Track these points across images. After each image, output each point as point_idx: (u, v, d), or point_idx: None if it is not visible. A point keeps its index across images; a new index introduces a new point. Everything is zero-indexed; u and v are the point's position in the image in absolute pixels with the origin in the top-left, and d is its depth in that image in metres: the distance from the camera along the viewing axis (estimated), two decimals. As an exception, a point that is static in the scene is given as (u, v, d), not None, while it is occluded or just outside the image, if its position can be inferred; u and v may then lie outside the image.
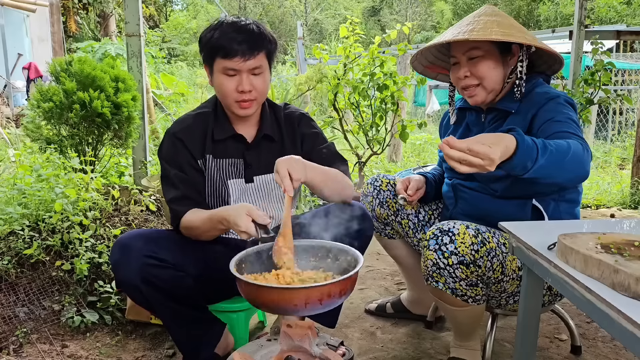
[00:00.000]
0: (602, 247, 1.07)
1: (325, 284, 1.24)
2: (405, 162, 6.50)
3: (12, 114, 8.44)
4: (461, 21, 1.79)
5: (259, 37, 1.62)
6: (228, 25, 1.61)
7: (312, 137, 1.79)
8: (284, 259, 1.42)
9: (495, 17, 1.73)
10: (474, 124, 1.85)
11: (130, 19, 3.40)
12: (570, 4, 16.10)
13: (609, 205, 4.57)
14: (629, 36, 5.74)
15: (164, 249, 1.56)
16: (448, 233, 1.55)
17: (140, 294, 1.54)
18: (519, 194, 1.67)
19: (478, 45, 1.69)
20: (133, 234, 1.59)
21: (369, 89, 3.94)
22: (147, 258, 1.51)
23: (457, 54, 1.74)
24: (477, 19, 1.73)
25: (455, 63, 1.77)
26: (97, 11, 15.18)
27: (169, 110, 7.48)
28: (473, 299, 1.60)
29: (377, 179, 2.03)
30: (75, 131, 3.17)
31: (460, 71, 1.73)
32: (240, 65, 1.59)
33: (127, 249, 1.52)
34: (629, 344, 0.87)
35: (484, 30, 1.66)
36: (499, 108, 1.74)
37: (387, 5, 25.93)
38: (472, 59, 1.71)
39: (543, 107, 1.62)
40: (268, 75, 1.67)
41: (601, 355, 1.97)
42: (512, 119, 1.69)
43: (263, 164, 1.73)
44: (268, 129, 1.74)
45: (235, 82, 1.61)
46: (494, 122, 1.76)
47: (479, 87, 1.72)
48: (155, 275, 1.52)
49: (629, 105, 7.41)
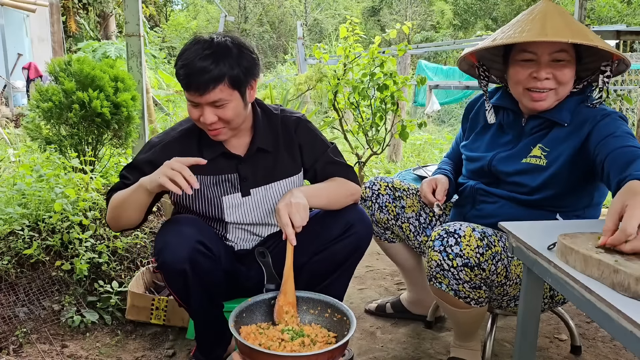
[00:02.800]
0: (602, 246, 1.07)
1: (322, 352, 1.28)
2: (405, 162, 6.50)
3: (11, 114, 8.44)
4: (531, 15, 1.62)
5: (223, 66, 1.46)
6: (192, 52, 1.48)
7: (311, 145, 1.73)
8: (285, 318, 1.43)
9: (571, 17, 1.62)
10: (510, 126, 1.75)
11: (130, 19, 3.40)
12: (570, 4, 16.10)
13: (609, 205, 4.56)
14: (629, 36, 5.73)
15: (211, 239, 1.55)
16: (454, 235, 1.53)
17: (184, 279, 1.50)
18: (556, 204, 1.62)
19: (567, 48, 1.57)
20: (185, 218, 1.56)
21: (369, 89, 3.93)
22: (198, 244, 1.48)
23: (540, 51, 1.58)
24: (556, 17, 1.58)
25: (529, 60, 1.60)
26: (97, 11, 15.16)
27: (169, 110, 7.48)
28: (476, 301, 1.59)
29: (375, 183, 1.98)
30: (75, 131, 3.17)
31: (542, 72, 1.58)
32: (198, 99, 1.49)
33: (180, 232, 1.49)
34: (628, 344, 0.87)
35: (581, 33, 1.53)
36: (545, 117, 1.64)
37: (387, 5, 25.91)
38: (558, 61, 1.58)
39: (600, 122, 1.54)
40: (236, 103, 1.53)
41: (601, 355, 1.97)
42: (561, 131, 1.61)
43: (259, 176, 1.69)
44: (262, 141, 1.67)
45: (198, 113, 1.52)
46: (537, 130, 1.67)
47: (552, 91, 1.60)
48: (201, 263, 1.49)
49: (629, 105, 7.41)
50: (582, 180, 1.60)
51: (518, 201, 1.66)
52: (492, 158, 1.73)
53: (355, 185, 1.72)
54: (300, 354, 1.30)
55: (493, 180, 1.74)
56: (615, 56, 1.59)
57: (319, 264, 1.66)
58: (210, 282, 1.55)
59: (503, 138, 1.76)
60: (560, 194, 1.61)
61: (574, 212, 1.64)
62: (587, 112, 1.60)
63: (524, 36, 1.55)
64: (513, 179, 1.67)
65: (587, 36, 1.54)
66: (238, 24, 22.71)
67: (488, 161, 1.74)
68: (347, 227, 1.64)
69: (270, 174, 1.71)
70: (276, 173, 1.71)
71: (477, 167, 1.79)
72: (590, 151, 1.51)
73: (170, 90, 9.49)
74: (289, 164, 1.73)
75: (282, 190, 1.72)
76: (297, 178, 1.76)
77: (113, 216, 1.59)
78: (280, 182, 1.72)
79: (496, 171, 1.71)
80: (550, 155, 1.61)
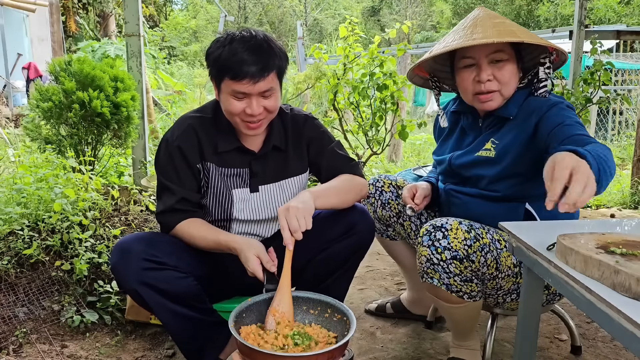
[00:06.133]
0: (602, 247, 1.06)
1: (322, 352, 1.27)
2: (405, 162, 6.50)
3: (11, 114, 8.43)
4: (464, 23, 1.73)
5: (270, 56, 1.52)
6: (238, 43, 1.51)
7: (319, 140, 1.76)
8: (277, 329, 1.40)
9: (503, 19, 1.70)
10: (470, 128, 1.83)
11: (130, 19, 3.40)
12: (569, 4, 16.11)
13: (609, 205, 4.57)
14: (629, 36, 5.75)
15: (164, 252, 1.55)
16: (441, 229, 1.55)
17: (140, 297, 1.53)
18: (521, 195, 1.66)
19: (503, 47, 1.64)
20: (132, 237, 1.57)
21: (369, 89, 3.94)
22: (145, 262, 1.49)
23: (477, 55, 1.65)
24: (487, 21, 1.67)
25: (470, 65, 1.68)
26: (97, 11, 15.17)
27: (168, 109, 7.48)
28: (468, 295, 1.60)
29: (379, 180, 2.01)
30: (75, 131, 3.17)
31: (483, 74, 1.64)
32: (249, 88, 1.50)
33: (126, 252, 1.50)
34: (629, 344, 0.87)
35: (509, 33, 1.60)
36: (496, 114, 1.72)
37: (386, 5, 25.91)
38: (497, 61, 1.65)
39: (547, 113, 1.60)
40: (279, 94, 1.59)
41: (601, 355, 1.97)
42: (510, 124, 1.68)
43: (269, 173, 1.70)
44: (277, 140, 1.69)
45: (244, 104, 1.53)
46: (491, 127, 1.75)
47: (497, 93, 1.67)
48: (154, 277, 1.50)
49: (629, 106, 7.41)
50: (536, 168, 1.61)
51: (485, 197, 1.72)
52: (451, 156, 1.82)
53: (362, 180, 1.73)
54: (300, 354, 1.30)
55: (458, 179, 1.82)
56: (550, 48, 1.66)
57: (320, 263, 1.66)
58: (175, 290, 1.54)
59: (465, 140, 1.85)
60: (519, 184, 1.66)
61: (542, 201, 1.64)
62: (534, 103, 1.67)
63: (454, 44, 1.65)
64: (470, 172, 1.75)
65: (515, 34, 1.61)
66: (238, 24, 22.71)
67: (448, 160, 1.83)
68: (349, 227, 1.64)
69: (280, 172, 1.72)
70: (286, 171, 1.72)
71: (443, 169, 1.88)
72: (542, 141, 1.56)
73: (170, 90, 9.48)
74: (297, 162, 1.74)
75: (290, 188, 1.73)
76: (304, 177, 1.77)
77: (184, 239, 1.64)
78: (288, 180, 1.73)
79: (455, 167, 1.80)
80: (498, 146, 1.68)
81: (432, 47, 1.79)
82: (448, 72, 1.85)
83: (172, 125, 1.72)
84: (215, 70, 1.54)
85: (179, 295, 1.55)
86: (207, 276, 1.67)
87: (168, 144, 1.65)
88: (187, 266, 1.59)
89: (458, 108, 1.87)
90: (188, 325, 1.60)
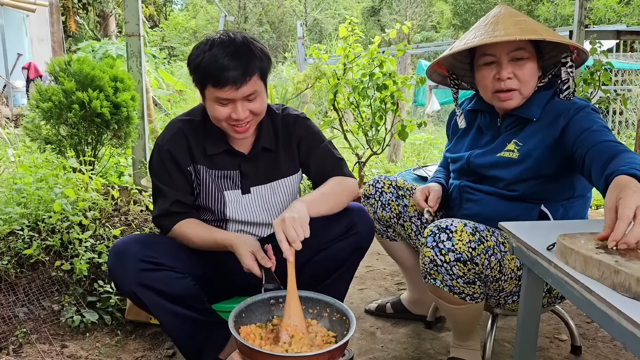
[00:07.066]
0: (602, 247, 1.06)
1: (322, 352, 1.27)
2: (405, 162, 6.50)
3: (11, 114, 8.43)
4: (485, 20, 1.69)
5: (250, 59, 1.50)
6: (217, 49, 1.49)
7: (308, 139, 1.75)
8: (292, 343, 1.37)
9: (524, 17, 1.67)
10: (487, 127, 1.80)
11: (130, 19, 3.40)
12: (569, 4, 16.11)
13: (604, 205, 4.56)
14: (629, 36, 5.75)
15: (160, 252, 1.55)
16: (446, 230, 1.54)
17: (138, 298, 1.53)
18: (538, 196, 1.65)
19: (524, 45, 1.62)
20: (128, 238, 1.57)
21: (369, 89, 3.94)
22: (142, 263, 1.50)
23: (498, 52, 1.63)
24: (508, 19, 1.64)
25: (490, 62, 1.66)
26: (97, 11, 15.16)
27: (168, 109, 7.48)
28: (471, 296, 1.60)
29: (379, 181, 2.00)
30: (75, 131, 3.17)
31: (503, 72, 1.62)
32: (232, 94, 1.49)
33: (122, 254, 1.50)
34: (629, 344, 0.87)
35: (531, 30, 1.58)
36: (517, 114, 1.69)
37: (386, 5, 25.91)
38: (517, 59, 1.63)
39: (574, 117, 1.57)
40: (264, 95, 1.58)
41: (601, 356, 1.97)
42: (534, 126, 1.65)
43: (260, 175, 1.70)
44: (266, 141, 1.68)
45: (229, 110, 1.52)
46: (511, 128, 1.72)
47: (517, 91, 1.65)
48: (151, 279, 1.51)
49: (625, 108, 7.41)
50: (559, 172, 1.62)
51: (501, 196, 1.71)
52: (470, 155, 1.80)
53: (352, 180, 1.72)
54: (301, 354, 1.30)
55: (475, 177, 1.80)
56: (572, 47, 1.64)
57: (319, 263, 1.66)
58: (173, 291, 1.54)
59: (483, 139, 1.83)
60: (539, 186, 1.65)
61: (558, 203, 1.67)
62: (559, 106, 1.65)
63: (476, 41, 1.62)
64: (490, 172, 1.73)
65: (537, 32, 1.59)
66: (238, 24, 22.71)
67: (466, 158, 1.81)
68: (349, 227, 1.64)
69: (271, 173, 1.72)
70: (277, 172, 1.72)
71: (459, 167, 1.86)
72: (568, 145, 1.54)
73: (170, 90, 9.49)
74: (288, 163, 1.74)
75: (282, 189, 1.73)
76: (296, 177, 1.76)
77: (181, 240, 1.65)
78: (280, 181, 1.73)
79: (474, 166, 1.78)
80: (522, 149, 1.66)
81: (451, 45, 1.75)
82: (467, 70, 1.84)
83: (163, 130, 1.72)
84: (197, 78, 1.54)
85: (177, 295, 1.55)
86: (206, 276, 1.67)
87: (159, 148, 1.66)
88: (184, 266, 1.59)
89: (475, 106, 1.85)
90: (187, 325, 1.60)
